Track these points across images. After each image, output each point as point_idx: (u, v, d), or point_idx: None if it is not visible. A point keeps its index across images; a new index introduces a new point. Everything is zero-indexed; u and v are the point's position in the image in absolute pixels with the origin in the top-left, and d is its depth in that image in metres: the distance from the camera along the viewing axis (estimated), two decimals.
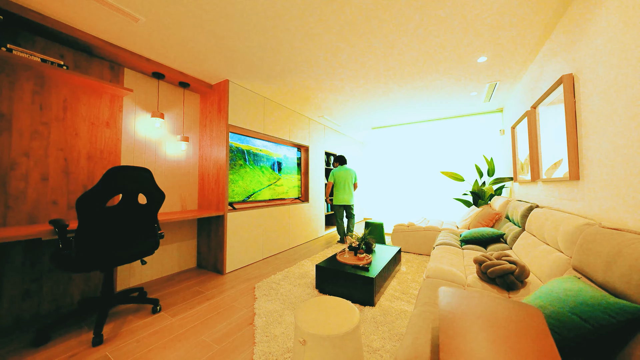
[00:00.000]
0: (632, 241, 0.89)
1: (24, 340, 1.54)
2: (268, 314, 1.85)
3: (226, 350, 1.47)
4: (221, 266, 2.73)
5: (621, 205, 1.23)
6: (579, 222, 1.27)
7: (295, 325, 1.09)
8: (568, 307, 0.83)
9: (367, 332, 1.62)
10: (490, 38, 2.05)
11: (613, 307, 0.76)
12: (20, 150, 1.78)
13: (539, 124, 2.29)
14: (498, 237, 2.38)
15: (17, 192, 1.76)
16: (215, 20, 1.80)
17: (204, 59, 2.37)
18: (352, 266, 2.21)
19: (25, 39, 1.81)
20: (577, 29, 1.61)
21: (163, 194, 1.87)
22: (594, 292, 0.85)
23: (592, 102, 1.48)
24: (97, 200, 1.51)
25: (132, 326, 1.70)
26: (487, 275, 1.46)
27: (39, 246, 1.84)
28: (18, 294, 1.74)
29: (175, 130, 2.82)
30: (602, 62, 1.36)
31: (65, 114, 2.00)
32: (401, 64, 2.47)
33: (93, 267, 1.58)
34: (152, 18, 1.79)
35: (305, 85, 2.97)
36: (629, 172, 1.18)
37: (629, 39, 1.15)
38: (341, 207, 4.15)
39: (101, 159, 2.19)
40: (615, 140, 1.27)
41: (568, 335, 0.78)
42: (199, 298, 2.14)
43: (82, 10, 1.70)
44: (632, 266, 0.82)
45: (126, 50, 2.18)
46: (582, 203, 1.60)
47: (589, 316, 0.78)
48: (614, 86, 1.26)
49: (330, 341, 1.00)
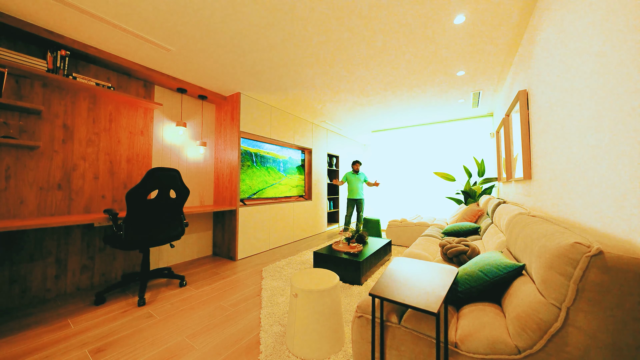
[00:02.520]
0: (533, 222, 1.23)
1: (87, 302, 2.00)
2: (272, 289, 2.25)
3: (239, 311, 1.88)
4: (233, 254, 3.16)
5: (551, 199, 1.56)
6: (515, 212, 1.60)
7: (291, 284, 1.48)
8: (477, 267, 1.18)
9: (352, 302, 2.00)
10: (463, 57, 2.38)
11: (503, 265, 1.11)
12: (79, 154, 2.26)
13: (511, 129, 2.59)
14: (475, 230, 2.70)
15: (77, 188, 2.24)
16: (228, 48, 2.22)
17: (219, 77, 2.80)
18: (344, 253, 2.59)
19: (83, 67, 2.29)
20: (528, 52, 1.93)
21: (188, 190, 2.30)
22: (498, 257, 1.19)
23: (539, 115, 1.80)
24: (140, 194, 1.96)
25: (166, 294, 2.15)
26: (447, 256, 1.80)
27: (92, 231, 2.31)
28: (78, 268, 2.21)
29: (195, 136, 3.28)
30: (545, 82, 1.68)
31: (110, 125, 2.47)
32: (393, 78, 2.82)
33: (136, 246, 2.02)
34: (180, 48, 2.23)
35: (308, 96, 3.37)
36: (558, 173, 1.50)
37: (566, 62, 1.48)
38: (352, 201, 4.75)
39: (137, 161, 2.66)
40: (553, 146, 1.59)
41: (474, 284, 1.14)
42: (216, 277, 2.57)
43: (129, 45, 2.16)
44: (523, 239, 1.17)
45: (157, 72, 2.65)
46: (533, 198, 1.92)
47: (488, 271, 1.13)
48: (554, 102, 1.58)
49: (314, 294, 1.39)
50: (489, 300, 1.14)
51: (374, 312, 1.00)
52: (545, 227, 1.06)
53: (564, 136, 1.34)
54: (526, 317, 0.83)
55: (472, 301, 1.16)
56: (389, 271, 1.14)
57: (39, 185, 2.03)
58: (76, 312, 1.84)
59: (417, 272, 1.13)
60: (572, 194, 1.26)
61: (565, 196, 1.33)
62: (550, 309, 0.78)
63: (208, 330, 1.63)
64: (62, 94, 2.16)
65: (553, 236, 0.93)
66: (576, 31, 1.18)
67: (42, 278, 2.02)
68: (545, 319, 0.78)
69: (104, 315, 1.80)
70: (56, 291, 2.09)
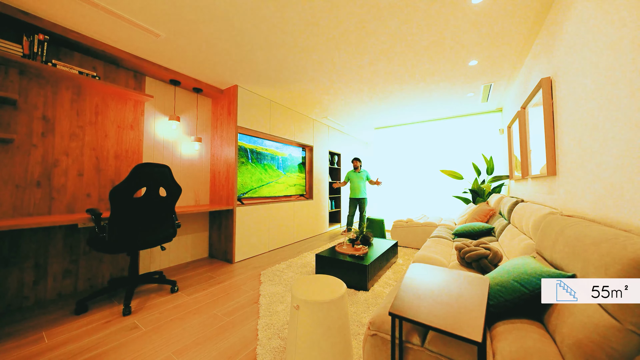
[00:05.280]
0: (573, 223, 1.05)
1: (67, 310, 1.82)
2: (271, 295, 2.08)
3: (235, 321, 1.70)
4: (230, 256, 2.98)
5: (584, 197, 1.38)
6: (544, 212, 1.43)
7: (292, 294, 1.30)
8: (512, 277, 1.00)
9: (358, 311, 1.82)
10: (478, 44, 2.20)
11: (543, 275, 0.93)
12: (61, 149, 2.08)
13: (528, 123, 2.41)
14: (488, 230, 2.52)
15: (59, 186, 2.06)
16: (224, 35, 2.04)
17: (215, 67, 2.62)
18: (349, 255, 2.41)
19: (65, 54, 2.11)
20: (553, 35, 1.75)
21: (180, 188, 2.12)
22: (534, 265, 1.01)
23: (565, 104, 1.61)
24: (126, 192, 1.78)
25: (155, 302, 1.97)
26: (465, 260, 1.62)
27: (76, 232, 2.13)
28: (60, 273, 2.04)
29: (190, 131, 3.10)
30: (573, 68, 1.50)
31: (97, 118, 2.29)
32: (396, 70, 2.64)
33: (122, 249, 1.85)
34: (171, 34, 2.05)
35: (307, 89, 3.18)
36: (591, 168, 1.32)
37: (596, 45, 1.29)
38: (354, 201, 4.50)
39: (126, 157, 2.48)
40: (582, 140, 1.40)
41: (508, 297, 0.96)
42: (211, 282, 2.39)
43: (113, 29, 1.98)
44: (565, 243, 0.99)
45: (148, 61, 2.46)
46: (557, 196, 1.74)
47: (526, 282, 0.95)
48: (584, 90, 1.39)
49: (318, 306, 1.21)
50: (525, 316, 0.97)
51: (393, 335, 0.82)
52: (598, 230, 0.88)
53: (608, 129, 1.14)
54: (591, 345, 0.65)
55: (506, 316, 0.98)
56: (408, 282, 0.96)
57: (15, 183, 1.85)
58: (53, 322, 1.66)
59: (441, 282, 0.96)
60: (623, 196, 1.06)
61: (611, 196, 1.14)
62: (629, 336, 0.60)
63: (198, 344, 1.45)
64: (42, 83, 1.98)
65: (616, 241, 0.75)
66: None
67: (18, 285, 1.84)
68: (621, 350, 0.60)
69: (83, 326, 1.62)
70: (34, 299, 1.91)
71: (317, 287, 1.33)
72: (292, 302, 1.30)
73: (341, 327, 1.24)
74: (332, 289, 1.31)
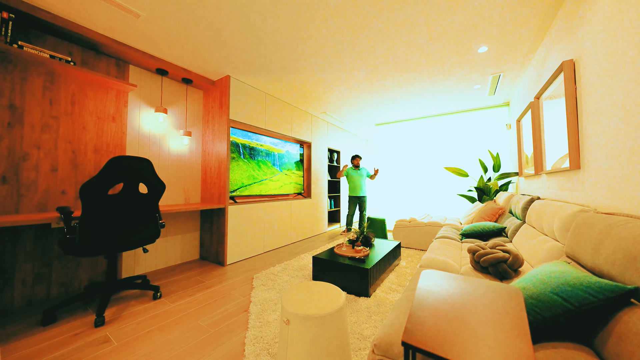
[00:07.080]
0: (621, 222, 0.87)
1: (34, 320, 1.63)
2: (263, 302, 1.89)
3: (220, 333, 1.51)
4: (222, 258, 2.79)
5: (618, 192, 1.19)
6: (574, 209, 1.24)
7: (282, 305, 1.11)
8: (550, 288, 0.81)
9: (359, 321, 1.63)
10: (489, 27, 2.01)
11: (594, 287, 0.74)
12: (31, 142, 1.88)
13: (542, 114, 2.22)
14: (499, 230, 2.33)
15: (29, 182, 1.87)
16: (213, 15, 1.85)
17: (205, 54, 2.43)
18: (348, 258, 2.22)
19: (36, 37, 1.92)
20: (577, 10, 1.56)
21: (163, 184, 1.93)
22: (577, 273, 0.83)
23: (592, 89, 1.43)
24: (99, 188, 1.59)
25: (133, 310, 1.78)
26: (480, 265, 1.43)
27: (49, 233, 1.94)
28: (30, 278, 1.84)
29: (178, 125, 2.90)
30: (604, 47, 1.31)
31: (73, 108, 2.10)
32: (400, 56, 2.45)
33: (96, 252, 1.65)
34: (152, 13, 1.85)
35: (306, 81, 2.99)
36: (626, 159, 1.13)
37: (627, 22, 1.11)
38: (354, 199, 4.31)
39: (107, 152, 2.29)
40: (614, 128, 1.22)
41: (547, 314, 0.77)
42: (199, 287, 2.20)
43: (86, 8, 1.78)
44: (617, 246, 0.80)
45: (131, 47, 2.27)
46: (582, 192, 1.55)
47: (570, 295, 0.76)
48: (620, 71, 1.21)
49: (312, 321, 1.02)
50: (565, 337, 0.78)
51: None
52: None
53: None
54: None
55: (542, 338, 0.79)
56: (422, 294, 0.77)
57: None
58: (13, 335, 1.46)
59: (462, 296, 0.77)
60: None
61: None
62: None
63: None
64: (8, 68, 1.79)
65: None
66: None
67: None
68: None
69: (47, 340, 1.42)
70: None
71: (311, 297, 1.14)
72: (281, 315, 1.11)
73: (339, 346, 1.05)
74: (328, 300, 1.12)
